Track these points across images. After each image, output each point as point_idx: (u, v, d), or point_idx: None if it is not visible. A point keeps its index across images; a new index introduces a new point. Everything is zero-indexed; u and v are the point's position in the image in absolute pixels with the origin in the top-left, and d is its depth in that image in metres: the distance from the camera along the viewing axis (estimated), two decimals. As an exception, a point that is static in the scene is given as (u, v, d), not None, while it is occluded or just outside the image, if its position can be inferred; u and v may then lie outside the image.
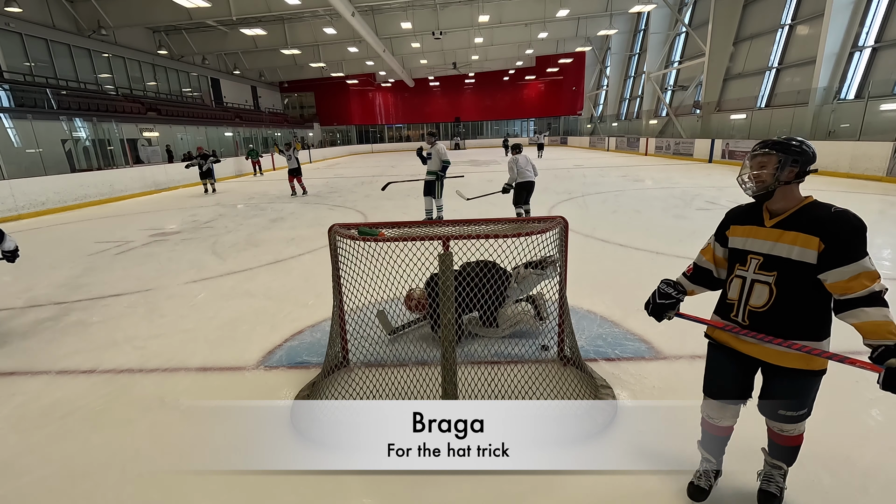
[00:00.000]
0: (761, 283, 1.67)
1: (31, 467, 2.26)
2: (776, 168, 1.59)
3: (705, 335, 2.00)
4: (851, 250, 1.47)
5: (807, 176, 1.61)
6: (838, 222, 1.50)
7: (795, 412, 1.72)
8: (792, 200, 1.61)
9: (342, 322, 2.90)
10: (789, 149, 1.58)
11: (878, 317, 1.47)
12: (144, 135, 19.61)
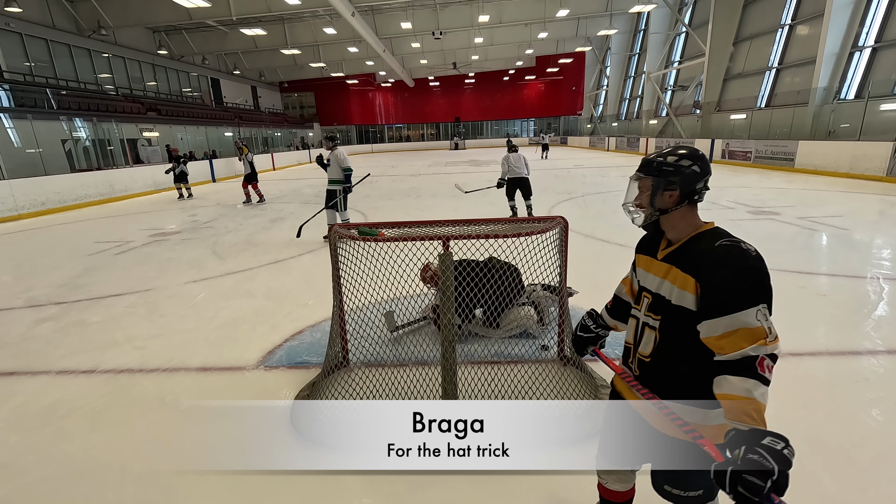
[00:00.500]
0: (649, 328, 1.37)
1: (31, 467, 2.25)
2: (650, 194, 1.30)
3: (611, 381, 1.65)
4: (729, 298, 1.10)
5: (697, 197, 1.27)
6: (718, 261, 1.14)
7: (683, 492, 1.35)
8: (685, 229, 1.28)
9: (342, 322, 2.90)
10: (661, 170, 1.27)
11: (738, 390, 1.08)
12: (144, 135, 19.61)
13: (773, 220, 7.28)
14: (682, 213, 1.28)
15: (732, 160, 17.08)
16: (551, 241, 2.79)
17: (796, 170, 13.85)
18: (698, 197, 1.28)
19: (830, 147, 12.91)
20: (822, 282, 4.53)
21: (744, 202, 8.88)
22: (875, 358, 3.01)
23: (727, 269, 1.13)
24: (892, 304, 3.91)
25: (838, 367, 2.94)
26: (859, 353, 3.10)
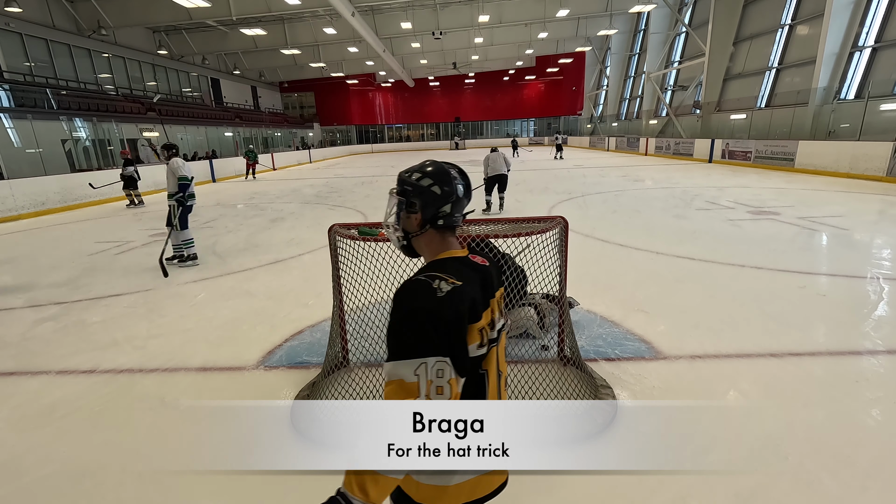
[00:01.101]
0: None
1: (31, 467, 2.25)
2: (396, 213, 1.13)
3: None
4: (391, 343, 0.96)
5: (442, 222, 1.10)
6: (395, 299, 0.98)
7: None
8: (428, 257, 1.14)
9: (342, 322, 2.90)
10: (402, 188, 1.11)
11: None
12: (144, 135, 19.61)
13: (773, 220, 7.28)
14: (427, 239, 1.12)
15: (732, 160, 17.08)
16: (551, 241, 2.79)
17: (796, 170, 13.84)
18: (443, 222, 1.10)
19: (830, 147, 12.90)
20: (822, 282, 4.53)
21: (744, 202, 8.88)
22: (875, 358, 3.01)
23: (397, 311, 0.96)
24: (892, 304, 3.91)
25: (838, 367, 2.94)
26: (859, 353, 3.10)
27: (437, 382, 0.93)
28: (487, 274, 1.10)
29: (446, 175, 1.10)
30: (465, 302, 0.97)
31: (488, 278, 1.10)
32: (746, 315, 3.71)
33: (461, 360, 0.97)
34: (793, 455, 2.13)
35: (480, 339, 1.01)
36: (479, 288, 1.04)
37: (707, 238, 6.27)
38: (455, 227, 1.14)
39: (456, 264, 1.07)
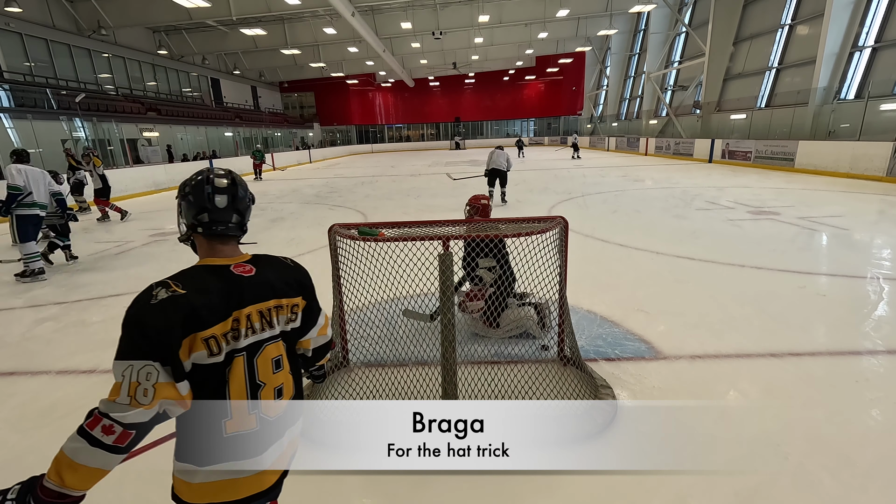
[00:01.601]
0: None
1: (31, 467, 2.24)
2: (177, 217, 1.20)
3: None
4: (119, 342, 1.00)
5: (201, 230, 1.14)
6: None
7: None
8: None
9: (342, 322, 2.90)
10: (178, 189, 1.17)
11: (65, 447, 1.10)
12: (144, 135, 19.61)
13: (773, 220, 7.28)
14: (198, 243, 1.17)
15: (732, 160, 17.08)
16: (551, 241, 2.79)
17: (796, 170, 13.85)
18: (202, 230, 1.13)
19: (830, 147, 12.91)
20: (822, 282, 4.53)
21: (744, 202, 8.88)
22: (875, 358, 3.01)
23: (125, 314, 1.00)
24: (892, 304, 3.91)
25: (838, 367, 2.94)
26: (859, 353, 3.10)
27: (144, 385, 0.97)
28: (242, 285, 1.10)
29: (198, 185, 1.13)
30: (181, 311, 0.99)
31: (240, 289, 1.10)
32: (746, 315, 3.71)
33: (178, 366, 0.99)
34: (793, 455, 2.13)
35: (208, 347, 1.02)
36: (218, 298, 1.05)
37: (707, 238, 6.27)
38: (227, 236, 1.16)
39: (202, 272, 1.09)
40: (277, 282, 1.19)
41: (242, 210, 1.19)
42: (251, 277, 1.14)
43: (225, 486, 1.11)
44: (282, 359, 1.20)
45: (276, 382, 1.18)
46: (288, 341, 1.24)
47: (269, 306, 1.15)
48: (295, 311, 1.23)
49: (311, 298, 1.31)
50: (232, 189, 1.16)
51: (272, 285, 1.17)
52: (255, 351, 1.12)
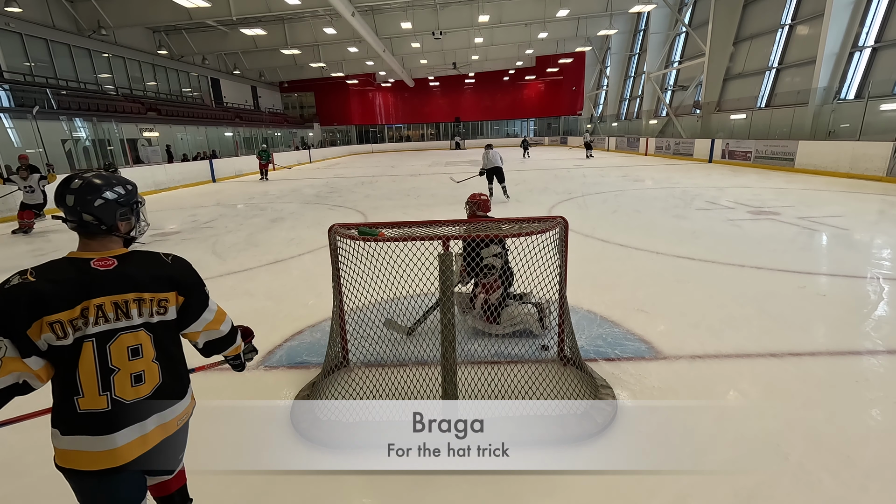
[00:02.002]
0: None
1: (31, 467, 2.25)
2: None
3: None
4: None
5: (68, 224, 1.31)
6: None
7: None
8: None
9: (342, 322, 2.90)
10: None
11: None
12: (144, 135, 19.61)
13: (773, 220, 7.28)
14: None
15: (732, 160, 17.08)
16: (551, 241, 2.79)
17: (796, 170, 13.85)
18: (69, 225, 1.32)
19: (830, 147, 12.90)
20: (822, 282, 4.53)
21: (744, 202, 8.88)
22: (875, 358, 3.01)
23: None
24: (892, 304, 3.91)
25: (838, 367, 2.94)
26: (859, 353, 3.10)
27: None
28: (97, 278, 1.24)
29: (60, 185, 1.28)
30: (26, 296, 1.14)
31: (94, 281, 1.23)
32: (746, 315, 3.71)
33: (26, 344, 1.17)
34: (793, 455, 2.13)
35: (53, 331, 1.17)
36: (69, 287, 1.20)
37: (707, 238, 6.27)
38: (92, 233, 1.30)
39: (62, 264, 1.25)
40: (142, 276, 1.30)
41: (91, 211, 1.27)
42: (109, 271, 1.27)
43: (80, 456, 1.29)
44: (141, 348, 1.31)
45: (134, 369, 1.30)
46: (160, 332, 1.36)
47: (126, 298, 1.27)
48: (163, 305, 1.35)
49: (190, 295, 1.42)
50: (78, 191, 1.26)
51: (134, 279, 1.29)
52: (107, 338, 1.25)
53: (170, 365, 1.42)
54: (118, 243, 1.36)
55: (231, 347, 1.69)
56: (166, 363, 1.41)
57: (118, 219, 1.33)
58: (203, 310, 1.49)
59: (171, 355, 1.44)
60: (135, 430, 1.31)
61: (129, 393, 1.29)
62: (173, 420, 1.45)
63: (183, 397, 1.49)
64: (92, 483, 1.35)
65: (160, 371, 1.38)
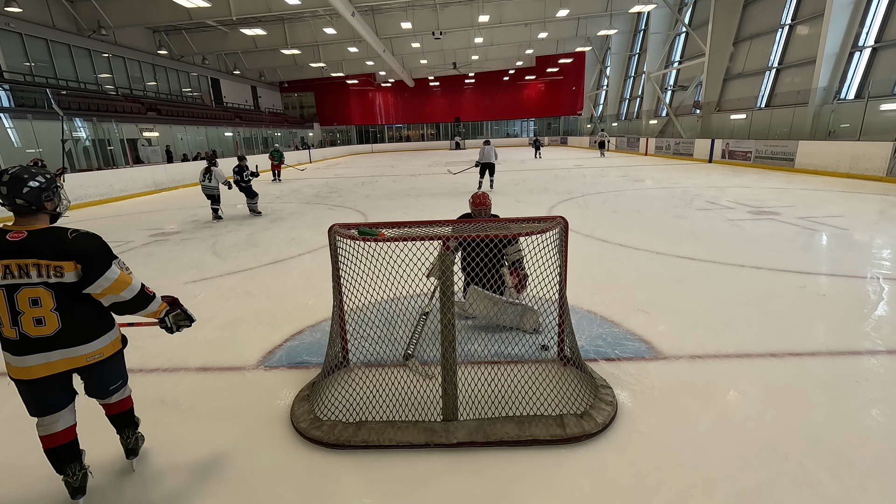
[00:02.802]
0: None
1: (31, 467, 2.25)
2: None
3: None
4: None
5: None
6: None
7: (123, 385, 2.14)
8: None
9: (342, 322, 2.90)
10: None
11: None
12: (144, 135, 19.60)
13: (773, 220, 7.28)
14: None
15: (732, 160, 17.08)
16: (551, 241, 2.79)
17: (796, 170, 13.85)
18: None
19: (830, 147, 12.90)
20: (822, 282, 4.53)
21: (744, 202, 8.89)
22: (875, 358, 3.01)
23: None
24: (892, 304, 3.91)
25: (838, 367, 2.94)
26: (859, 353, 3.10)
27: None
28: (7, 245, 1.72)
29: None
30: None
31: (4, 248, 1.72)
32: (746, 315, 3.71)
33: None
34: (793, 455, 2.13)
35: None
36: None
37: (707, 238, 6.27)
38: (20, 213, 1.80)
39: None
40: (42, 248, 1.74)
41: (18, 196, 1.77)
42: (17, 242, 1.73)
43: (9, 367, 1.83)
44: (40, 300, 1.76)
45: (35, 314, 1.76)
46: (59, 290, 1.78)
47: (25, 262, 1.72)
48: (59, 271, 1.77)
49: (85, 264, 1.81)
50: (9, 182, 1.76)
51: (34, 249, 1.73)
52: (13, 289, 1.73)
53: (70, 316, 1.83)
54: (45, 220, 1.86)
55: (144, 311, 2.00)
56: (66, 314, 1.81)
57: (44, 200, 1.83)
58: (98, 277, 1.83)
59: (72, 309, 1.83)
60: (40, 357, 1.80)
61: (32, 331, 1.77)
62: (81, 356, 1.88)
63: (89, 342, 1.89)
64: (22, 387, 1.88)
65: (59, 319, 1.80)
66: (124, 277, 1.90)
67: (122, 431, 2.21)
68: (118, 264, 1.92)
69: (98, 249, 1.86)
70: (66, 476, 1.96)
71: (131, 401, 2.23)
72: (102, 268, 1.84)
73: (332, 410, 2.53)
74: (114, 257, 1.91)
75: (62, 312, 1.80)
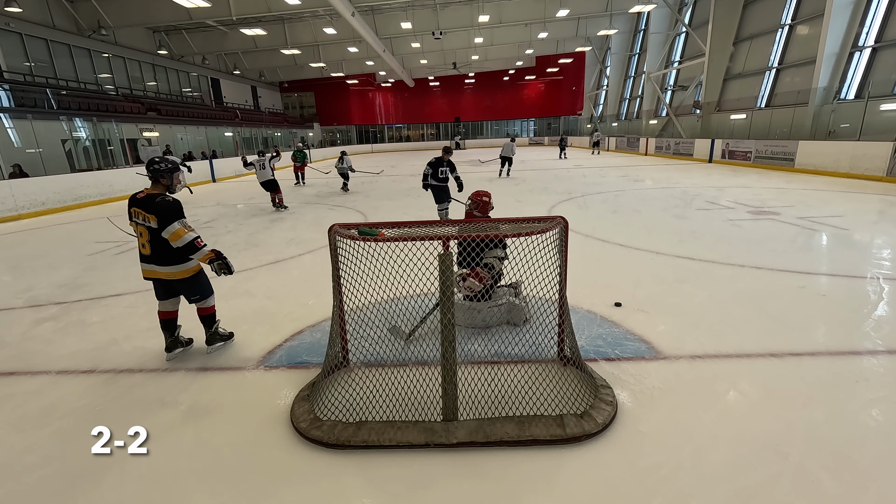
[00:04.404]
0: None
1: (31, 467, 2.26)
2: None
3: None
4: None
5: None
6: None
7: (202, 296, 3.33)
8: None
9: (342, 322, 2.90)
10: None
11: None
12: (144, 135, 19.60)
13: (773, 220, 7.28)
14: None
15: (732, 160, 17.07)
16: (551, 241, 2.79)
17: (796, 170, 13.85)
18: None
19: (830, 147, 12.90)
20: (822, 282, 4.53)
21: (744, 202, 8.89)
22: (875, 358, 3.01)
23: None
24: (892, 304, 3.91)
25: (838, 367, 2.94)
26: (859, 353, 3.10)
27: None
28: (135, 200, 3.04)
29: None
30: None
31: (134, 201, 3.05)
32: (746, 315, 3.71)
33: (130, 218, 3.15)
34: (793, 455, 2.13)
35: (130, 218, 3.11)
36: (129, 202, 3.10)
37: (707, 238, 6.27)
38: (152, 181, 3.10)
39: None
40: (146, 204, 2.99)
41: (148, 170, 3.10)
42: (139, 198, 3.03)
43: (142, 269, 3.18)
44: (143, 234, 3.04)
45: (143, 240, 3.06)
46: (150, 231, 3.00)
47: (138, 211, 3.02)
48: (148, 220, 2.99)
49: (160, 219, 2.96)
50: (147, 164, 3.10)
51: (143, 204, 3.00)
52: (137, 225, 3.06)
53: (156, 247, 3.03)
54: (160, 188, 3.09)
55: (196, 255, 3.06)
56: (154, 245, 3.03)
57: (160, 177, 3.09)
58: (164, 228, 2.95)
59: (156, 243, 3.02)
60: (145, 266, 3.15)
61: (142, 251, 3.10)
62: (162, 273, 3.12)
63: (167, 265, 3.09)
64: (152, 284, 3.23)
65: (150, 247, 3.04)
66: (180, 231, 2.95)
67: (205, 327, 3.37)
68: (181, 223, 2.97)
69: (168, 212, 2.94)
70: (165, 338, 3.27)
71: (210, 310, 3.36)
72: (167, 222, 2.93)
73: (332, 410, 2.53)
74: (178, 218, 2.97)
75: (152, 244, 3.02)
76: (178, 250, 2.97)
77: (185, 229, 2.95)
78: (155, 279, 3.12)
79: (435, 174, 7.19)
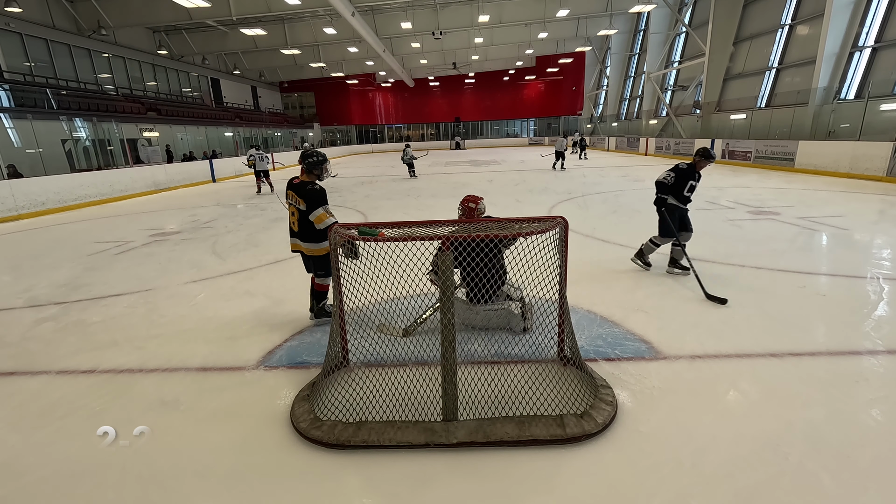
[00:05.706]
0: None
1: (31, 467, 2.26)
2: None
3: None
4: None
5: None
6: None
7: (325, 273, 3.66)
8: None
9: (342, 322, 2.90)
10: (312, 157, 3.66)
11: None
12: (144, 135, 19.60)
13: (773, 220, 7.28)
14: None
15: (732, 160, 17.08)
16: (551, 241, 2.79)
17: (796, 170, 13.84)
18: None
19: (830, 147, 12.90)
20: (822, 282, 4.53)
21: (744, 202, 8.88)
22: (875, 358, 3.01)
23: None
24: (892, 304, 3.91)
25: (838, 367, 2.94)
26: (859, 353, 3.10)
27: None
28: (292, 183, 3.61)
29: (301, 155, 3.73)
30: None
31: (289, 185, 3.63)
32: (746, 315, 3.71)
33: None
34: (793, 455, 2.13)
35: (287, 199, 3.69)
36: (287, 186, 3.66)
37: (707, 238, 6.27)
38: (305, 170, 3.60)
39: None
40: (299, 189, 3.50)
41: (302, 161, 3.61)
42: (295, 184, 3.57)
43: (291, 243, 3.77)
44: (295, 212, 3.54)
45: (294, 219, 3.59)
46: (300, 211, 3.48)
47: (292, 193, 3.57)
48: (298, 203, 3.48)
49: (308, 203, 3.42)
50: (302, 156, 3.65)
51: (296, 188, 3.52)
52: (290, 205, 3.62)
53: (303, 225, 3.51)
54: (311, 177, 3.56)
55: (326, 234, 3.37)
56: (302, 223, 3.50)
57: (313, 168, 3.57)
58: (310, 213, 3.41)
59: (303, 223, 3.49)
60: (293, 240, 3.67)
61: (292, 227, 3.63)
62: (307, 247, 3.59)
63: (308, 242, 3.55)
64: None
65: (298, 224, 3.53)
66: (323, 216, 3.35)
67: (315, 300, 3.76)
68: (324, 209, 3.38)
69: (314, 198, 3.39)
70: (312, 305, 3.78)
71: (325, 287, 3.70)
72: (313, 207, 3.38)
73: (332, 410, 2.53)
74: (322, 204, 3.39)
75: (300, 223, 3.50)
76: (319, 231, 3.42)
77: (327, 214, 3.36)
78: (299, 252, 3.64)
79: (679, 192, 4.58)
